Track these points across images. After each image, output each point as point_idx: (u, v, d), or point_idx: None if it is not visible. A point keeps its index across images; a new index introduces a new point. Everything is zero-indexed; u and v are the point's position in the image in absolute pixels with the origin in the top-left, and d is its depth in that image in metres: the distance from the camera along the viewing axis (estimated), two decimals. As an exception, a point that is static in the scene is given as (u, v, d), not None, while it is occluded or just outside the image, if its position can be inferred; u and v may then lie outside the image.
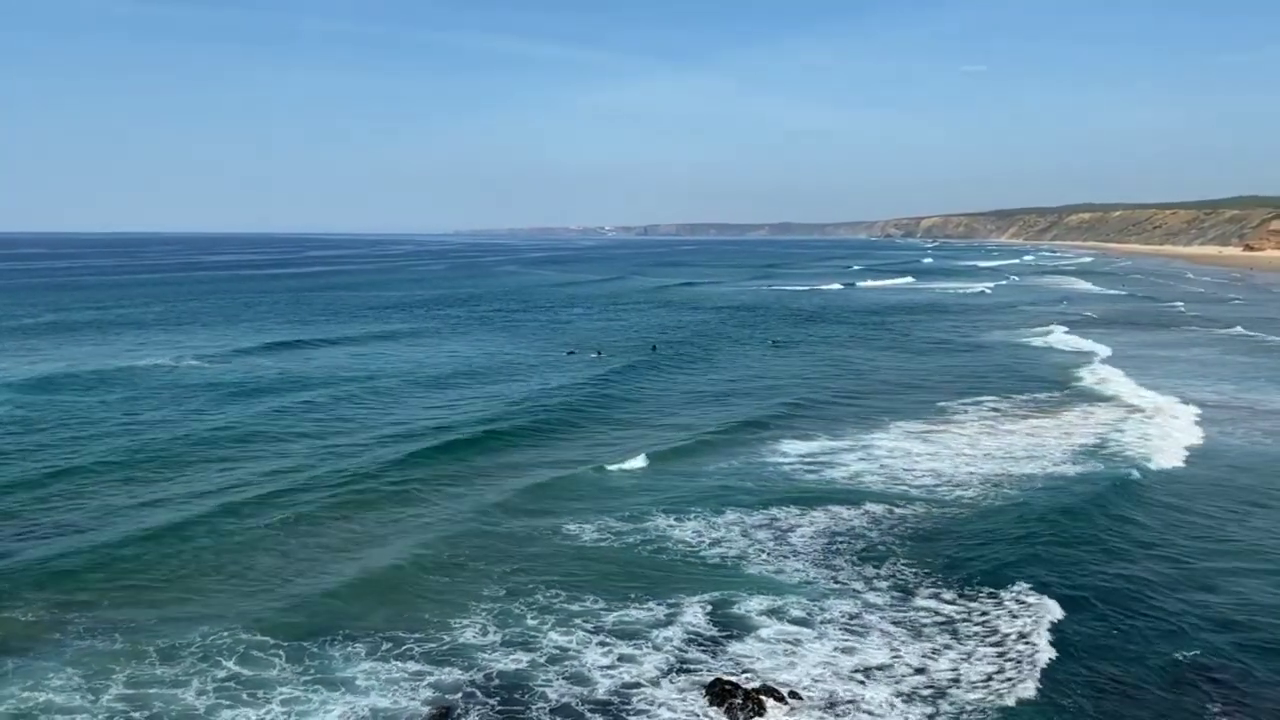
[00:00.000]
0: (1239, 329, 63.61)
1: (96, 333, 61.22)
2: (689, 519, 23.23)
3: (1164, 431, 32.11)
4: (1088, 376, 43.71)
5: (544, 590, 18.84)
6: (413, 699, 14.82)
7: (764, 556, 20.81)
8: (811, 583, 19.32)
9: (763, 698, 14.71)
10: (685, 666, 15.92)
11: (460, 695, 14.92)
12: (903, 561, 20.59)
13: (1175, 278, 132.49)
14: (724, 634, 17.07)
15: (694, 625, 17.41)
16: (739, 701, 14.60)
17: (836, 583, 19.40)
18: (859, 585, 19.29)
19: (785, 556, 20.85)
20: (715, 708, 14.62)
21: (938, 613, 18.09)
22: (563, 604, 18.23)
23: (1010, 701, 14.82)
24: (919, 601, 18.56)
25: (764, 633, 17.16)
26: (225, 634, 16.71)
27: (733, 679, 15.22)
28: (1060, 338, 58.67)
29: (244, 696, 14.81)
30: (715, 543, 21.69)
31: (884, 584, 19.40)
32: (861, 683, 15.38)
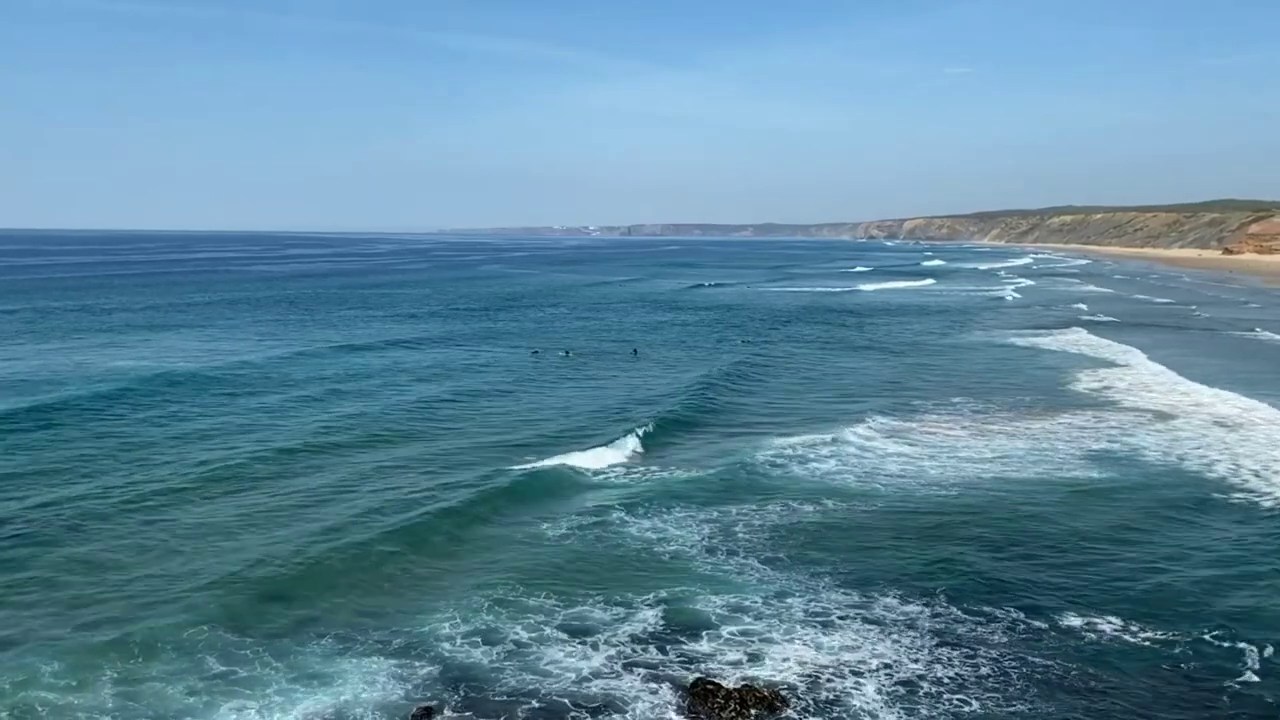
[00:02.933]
0: (1266, 334, 63.57)
1: (78, 333, 60.37)
2: (657, 517, 23.06)
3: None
4: (1155, 379, 43.40)
5: (510, 588, 18.72)
6: (398, 695, 14.70)
7: (745, 557, 20.68)
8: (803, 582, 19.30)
9: (745, 698, 14.62)
10: (667, 667, 15.80)
11: (446, 695, 14.80)
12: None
13: (1172, 280, 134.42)
14: (698, 633, 17.00)
15: (669, 626, 17.28)
16: (720, 701, 14.51)
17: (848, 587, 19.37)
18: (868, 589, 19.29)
19: (769, 555, 20.73)
20: (698, 708, 14.51)
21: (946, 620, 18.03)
22: (523, 600, 18.14)
23: (991, 705, 14.75)
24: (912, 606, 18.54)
25: (731, 630, 17.11)
26: (204, 629, 16.57)
27: (714, 679, 15.12)
28: (1105, 344, 57.48)
29: (227, 690, 14.73)
30: (691, 542, 21.53)
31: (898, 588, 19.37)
32: (843, 680, 15.33)
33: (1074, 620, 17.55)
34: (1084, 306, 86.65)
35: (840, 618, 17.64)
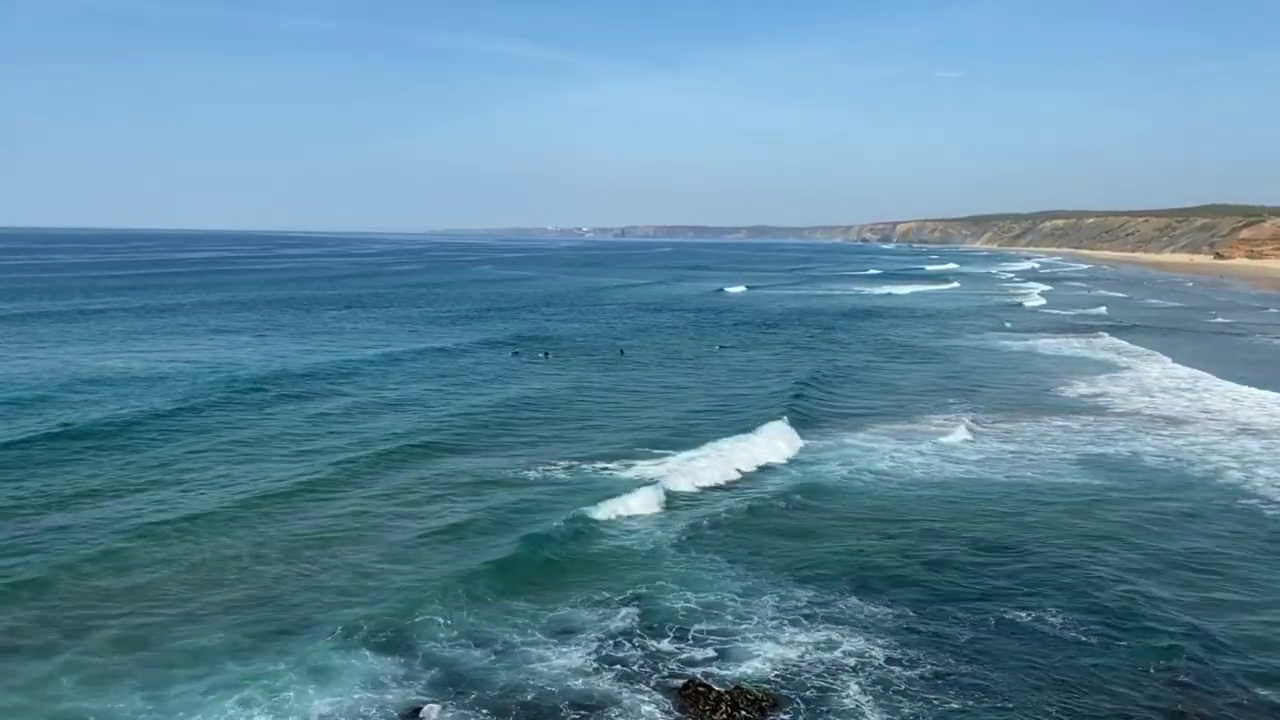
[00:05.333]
0: None
1: (69, 339, 60.07)
2: (643, 518, 23.16)
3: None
4: (1197, 384, 43.69)
5: (494, 590, 18.71)
6: (391, 695, 14.74)
7: (729, 561, 20.74)
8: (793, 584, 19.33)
9: (737, 699, 14.62)
10: (656, 668, 15.84)
11: (433, 695, 14.85)
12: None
13: (1176, 285, 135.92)
14: (684, 635, 17.05)
15: (660, 627, 17.31)
16: (712, 703, 14.52)
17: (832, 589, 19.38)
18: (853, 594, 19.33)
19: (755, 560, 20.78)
20: (688, 710, 14.52)
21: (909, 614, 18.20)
22: (513, 604, 18.17)
23: (971, 703, 14.86)
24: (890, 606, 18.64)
25: (702, 628, 17.17)
26: (197, 627, 16.71)
27: (705, 681, 15.12)
28: (1140, 350, 56.67)
29: (219, 690, 14.76)
30: (669, 542, 21.61)
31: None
32: (832, 679, 15.35)
33: (1053, 621, 17.73)
34: (1104, 310, 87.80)
35: (830, 618, 17.68)
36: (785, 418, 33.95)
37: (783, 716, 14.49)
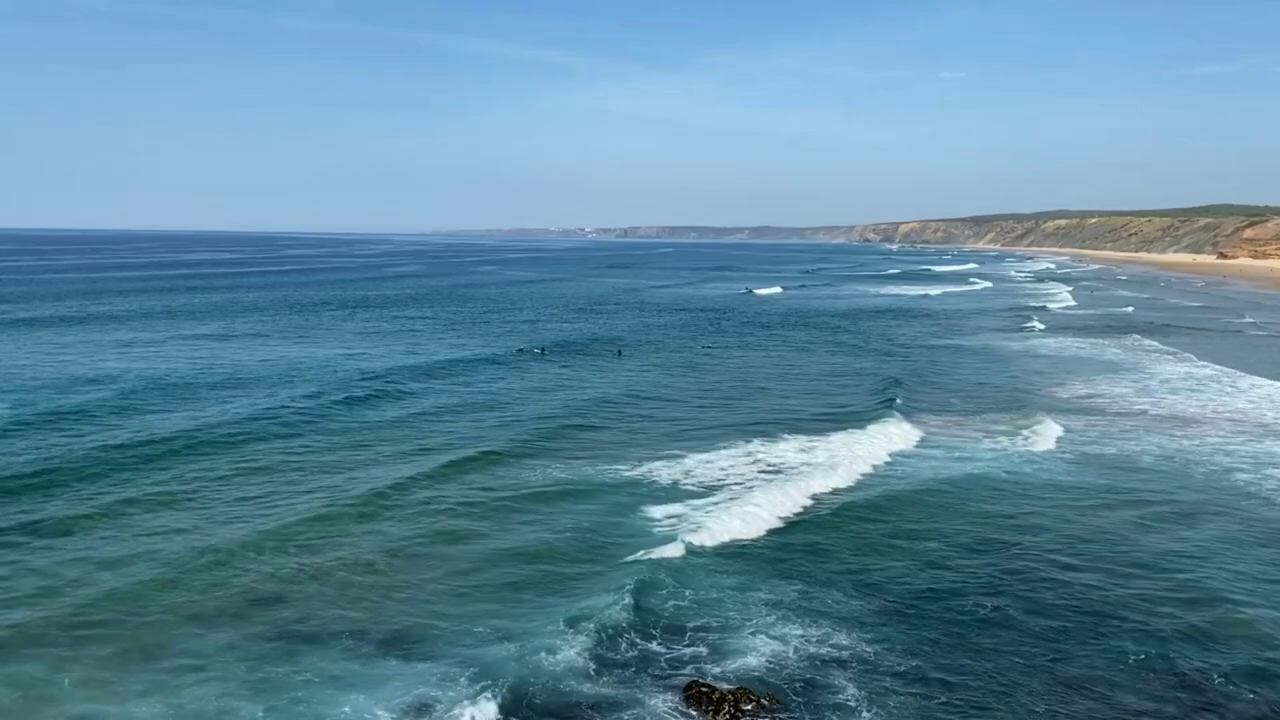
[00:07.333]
0: None
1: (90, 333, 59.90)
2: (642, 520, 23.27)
3: None
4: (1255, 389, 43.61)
5: (512, 593, 18.88)
6: (396, 698, 14.83)
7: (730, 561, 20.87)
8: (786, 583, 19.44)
9: (740, 700, 14.67)
10: (656, 669, 15.95)
11: (441, 695, 14.97)
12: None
13: (1187, 285, 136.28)
14: (685, 635, 17.17)
15: (662, 626, 17.46)
16: (715, 704, 14.58)
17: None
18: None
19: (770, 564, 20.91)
20: (691, 711, 14.59)
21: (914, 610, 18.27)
22: (534, 605, 18.29)
23: (967, 703, 15.03)
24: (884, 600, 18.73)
25: (721, 630, 17.28)
26: (209, 633, 16.72)
27: (709, 682, 15.19)
28: (1179, 353, 55.92)
29: (230, 695, 14.83)
30: (663, 539, 21.60)
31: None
32: (830, 679, 15.45)
33: (1054, 622, 17.88)
34: (1130, 310, 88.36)
35: (829, 617, 17.78)
36: (894, 417, 35.13)
37: (786, 718, 14.53)
